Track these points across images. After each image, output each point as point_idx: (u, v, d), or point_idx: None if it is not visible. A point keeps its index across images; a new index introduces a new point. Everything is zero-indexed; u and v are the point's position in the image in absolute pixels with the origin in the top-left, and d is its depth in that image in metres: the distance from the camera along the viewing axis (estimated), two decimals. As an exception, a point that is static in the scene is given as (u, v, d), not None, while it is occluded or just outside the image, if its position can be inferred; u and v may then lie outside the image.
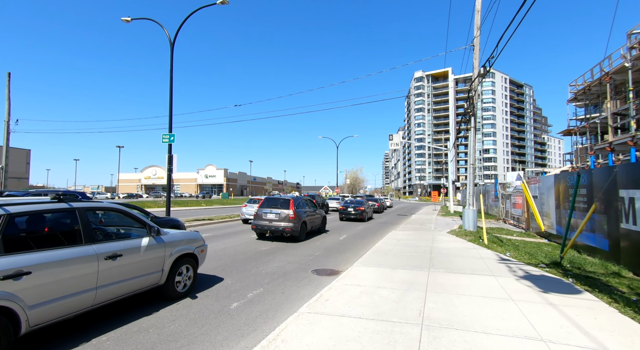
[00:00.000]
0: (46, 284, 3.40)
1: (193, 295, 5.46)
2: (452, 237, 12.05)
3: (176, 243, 5.22)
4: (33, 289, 3.28)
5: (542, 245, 10.74)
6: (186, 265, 5.40)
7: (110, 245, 4.18)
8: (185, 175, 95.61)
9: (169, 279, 5.04)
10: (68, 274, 3.61)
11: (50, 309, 3.44)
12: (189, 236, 5.65)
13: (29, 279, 3.25)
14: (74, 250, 3.73)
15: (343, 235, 13.44)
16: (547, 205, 12.18)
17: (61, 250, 3.63)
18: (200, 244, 5.80)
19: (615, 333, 3.61)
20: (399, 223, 19.65)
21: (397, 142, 24.87)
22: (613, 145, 15.16)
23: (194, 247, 5.58)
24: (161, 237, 4.98)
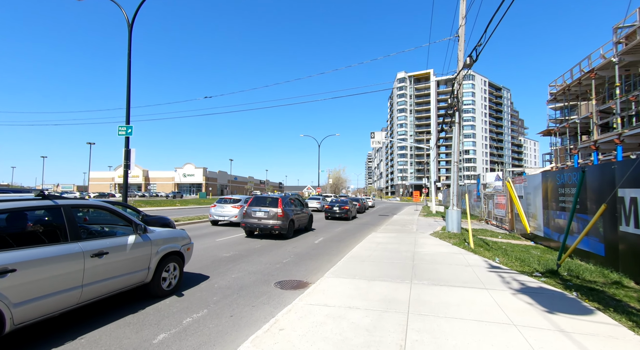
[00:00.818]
0: (31, 281, 3.36)
1: (179, 293, 5.45)
2: (436, 240, 11.21)
3: (162, 241, 5.20)
4: (18, 287, 3.24)
5: (529, 248, 10.04)
6: (172, 264, 5.40)
7: (96, 243, 4.13)
8: (163, 173, 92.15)
9: (155, 277, 5.02)
10: (54, 271, 3.56)
11: (35, 307, 3.40)
12: (175, 234, 5.64)
13: (14, 277, 3.21)
14: (59, 248, 3.69)
15: (319, 238, 12.38)
16: (534, 206, 11.55)
17: (47, 247, 3.58)
18: (186, 242, 5.79)
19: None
20: (380, 224, 18.80)
21: (379, 140, 24.08)
22: (598, 143, 14.88)
23: (180, 245, 5.57)
24: (147, 235, 4.95)
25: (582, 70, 22.53)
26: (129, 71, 12.67)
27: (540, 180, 10.85)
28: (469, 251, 8.76)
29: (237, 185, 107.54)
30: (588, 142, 15.58)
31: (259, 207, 12.04)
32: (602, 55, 20.21)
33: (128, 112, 12.82)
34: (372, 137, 24.35)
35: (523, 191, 12.61)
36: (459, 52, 12.86)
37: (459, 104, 12.96)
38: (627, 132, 12.46)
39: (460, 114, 13.01)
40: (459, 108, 12.97)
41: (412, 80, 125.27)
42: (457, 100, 13.00)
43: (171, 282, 5.37)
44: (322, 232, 14.45)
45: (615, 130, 12.92)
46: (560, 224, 9.46)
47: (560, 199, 9.40)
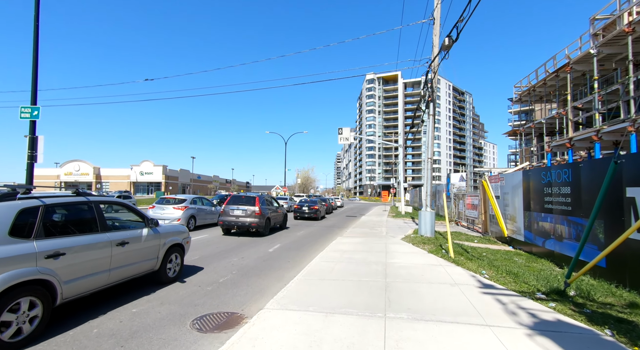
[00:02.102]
0: (76, 264, 4.03)
1: (181, 279, 6.12)
2: (409, 246, 9.81)
3: (168, 234, 5.89)
4: (66, 268, 3.90)
5: (511, 255, 8.91)
6: (175, 254, 6.07)
7: (119, 234, 4.81)
8: (117, 171, 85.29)
9: (162, 265, 5.70)
10: (91, 256, 4.26)
11: (78, 285, 4.05)
12: (177, 229, 6.29)
13: (64, 259, 3.88)
14: (93, 237, 4.37)
15: (276, 245, 10.56)
16: (512, 207, 10.55)
17: (85, 236, 4.28)
18: (186, 235, 6.46)
19: None
20: (347, 226, 17.32)
21: (347, 136, 22.69)
22: (573, 141, 14.46)
23: (181, 238, 6.21)
24: (157, 228, 5.64)
25: (547, 70, 22.62)
26: (35, 37, 10.03)
27: (521, 179, 9.82)
28: (449, 262, 7.38)
29: (200, 185, 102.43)
30: (562, 140, 15.24)
31: (236, 206, 12.22)
32: (567, 56, 20.26)
33: (34, 90, 10.18)
34: (339, 133, 22.90)
35: (500, 191, 11.63)
36: (434, 37, 11.63)
37: (434, 95, 11.74)
38: (606, 129, 12.00)
39: (434, 106, 11.79)
40: (434, 99, 11.74)
41: (381, 81, 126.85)
42: (432, 91, 11.77)
43: (175, 270, 6.06)
44: (282, 236, 12.63)
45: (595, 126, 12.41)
46: (545, 228, 8.40)
47: (545, 199, 8.34)
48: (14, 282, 3.33)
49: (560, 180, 7.69)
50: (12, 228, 3.56)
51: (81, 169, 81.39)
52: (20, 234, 3.62)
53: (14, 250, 3.45)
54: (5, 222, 3.52)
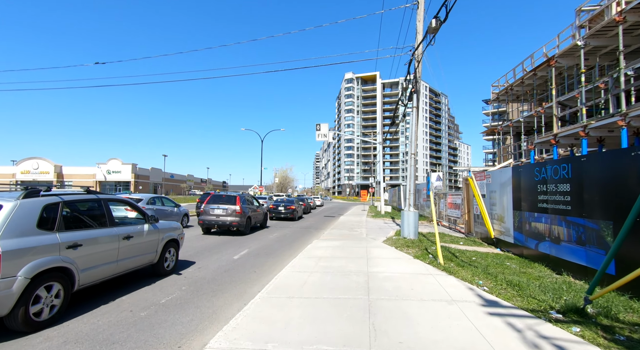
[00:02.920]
0: (90, 254, 4.51)
1: (177, 272, 6.63)
2: (392, 250, 8.86)
3: (165, 230, 6.39)
4: (83, 257, 4.37)
5: (502, 259, 8.15)
6: (172, 249, 6.58)
7: (125, 229, 5.29)
8: (81, 170, 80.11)
9: (160, 258, 6.18)
10: (103, 248, 4.75)
11: (92, 274, 4.54)
12: (173, 225, 6.84)
13: (81, 250, 4.35)
14: (104, 231, 4.86)
15: (244, 250, 9.30)
16: (500, 207, 9.86)
17: (97, 230, 4.76)
18: (180, 231, 7.02)
19: None
20: (324, 227, 16.27)
21: (325, 133, 21.66)
22: (558, 137, 14.15)
23: (176, 234, 6.78)
24: (156, 224, 6.13)
25: (524, 69, 22.59)
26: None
27: (510, 176, 9.12)
28: (439, 270, 6.45)
29: (173, 184, 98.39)
30: (547, 136, 14.95)
31: (217, 205, 12.22)
32: (545, 54, 20.22)
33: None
34: (317, 129, 21.83)
35: (486, 189, 10.95)
36: (418, 23, 10.78)
37: (417, 85, 10.89)
38: (594, 124, 11.65)
39: (418, 97, 10.94)
40: (417, 90, 10.89)
41: (360, 81, 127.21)
42: (416, 81, 10.91)
43: (170, 264, 6.53)
44: (253, 239, 11.36)
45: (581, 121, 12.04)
46: (539, 229, 7.69)
47: (539, 198, 7.62)
48: (43, 268, 3.78)
49: (557, 176, 6.96)
50: (39, 221, 3.98)
51: (40, 167, 75.73)
52: (45, 226, 4.04)
53: (42, 241, 3.90)
54: (33, 216, 3.94)
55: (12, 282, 3.49)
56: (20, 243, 3.68)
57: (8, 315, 3.52)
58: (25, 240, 3.73)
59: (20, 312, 3.57)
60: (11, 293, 3.47)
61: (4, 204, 3.80)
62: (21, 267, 3.59)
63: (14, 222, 3.73)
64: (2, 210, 3.73)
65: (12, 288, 3.48)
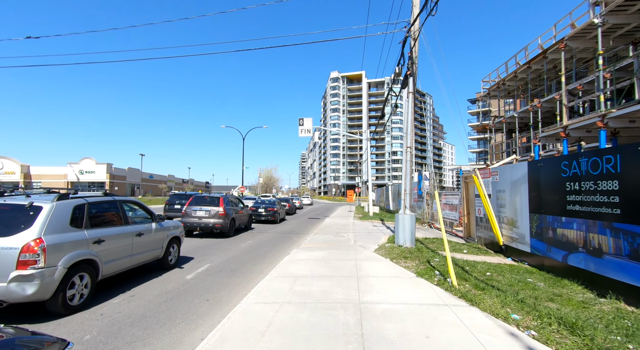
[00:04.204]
0: (111, 249, 5.18)
1: (180, 266, 7.27)
2: (387, 263, 7.22)
3: (169, 228, 7.07)
4: (105, 252, 5.02)
5: (521, 272, 6.65)
6: (174, 245, 7.26)
7: (137, 227, 5.99)
8: (51, 170, 75.44)
9: (165, 254, 6.88)
10: (120, 243, 5.41)
11: (112, 266, 5.22)
12: (175, 224, 7.45)
13: (104, 245, 5.01)
14: (121, 228, 5.55)
15: (204, 265, 7.47)
16: (511, 208, 8.41)
17: (115, 227, 5.44)
18: (181, 229, 7.66)
19: None
20: (307, 231, 14.55)
21: (308, 128, 19.92)
22: (569, 129, 12.91)
23: (178, 232, 7.43)
24: (162, 223, 6.80)
25: (517, 63, 21.57)
26: None
27: (526, 172, 7.65)
28: (454, 296, 4.84)
29: (152, 185, 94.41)
30: (555, 128, 13.73)
31: (199, 206, 11.95)
32: (540, 46, 19.19)
33: None
34: (300, 124, 20.06)
35: (491, 188, 9.50)
36: (415, -5, 9.22)
37: (414, 68, 9.34)
38: (616, 112, 10.40)
39: (414, 81, 9.39)
40: (414, 72, 9.34)
41: (345, 80, 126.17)
42: (412, 63, 9.35)
43: (173, 259, 7.21)
44: (220, 250, 9.51)
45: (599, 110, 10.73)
46: (568, 237, 6.22)
47: (570, 199, 6.15)
48: (77, 260, 4.46)
49: (597, 171, 5.49)
50: (71, 220, 4.64)
51: (5, 166, 70.82)
52: (75, 224, 4.70)
53: (74, 237, 4.58)
54: (67, 216, 4.60)
55: (54, 271, 4.12)
56: (59, 238, 4.31)
57: (50, 299, 4.14)
58: (62, 236, 4.37)
59: (60, 296, 4.21)
60: (53, 280, 4.10)
61: (43, 206, 4.38)
62: (60, 258, 4.23)
63: (52, 221, 4.34)
64: (42, 211, 4.33)
65: (54, 276, 4.11)
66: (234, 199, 14.03)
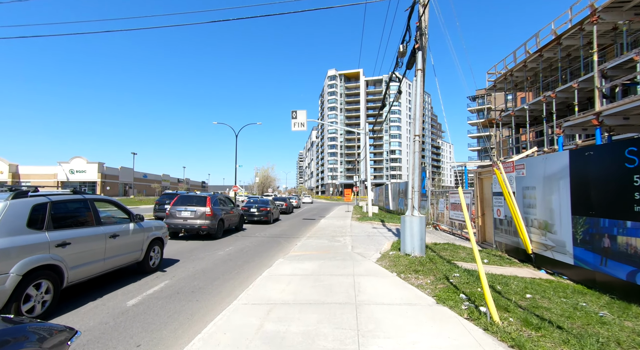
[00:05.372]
0: (78, 252, 4.66)
1: (162, 269, 6.77)
2: (394, 280, 5.64)
3: (150, 229, 6.56)
4: (72, 256, 4.53)
5: (568, 292, 5.10)
6: (156, 247, 6.75)
7: (112, 228, 5.48)
8: (41, 169, 73.52)
9: (145, 256, 6.37)
10: (90, 246, 4.90)
11: (80, 271, 4.68)
12: (157, 224, 6.96)
13: (70, 248, 4.51)
14: (92, 230, 5.02)
15: (163, 281, 5.88)
16: (543, 209, 6.86)
17: (85, 229, 4.91)
18: (165, 230, 7.16)
19: None
20: (299, 235, 12.97)
21: (302, 121, 18.30)
22: (602, 116, 11.36)
23: (161, 233, 6.93)
24: (141, 223, 6.29)
25: (527, 51, 20.07)
26: None
27: (567, 164, 6.10)
28: (500, 340, 3.27)
29: (146, 184, 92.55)
30: (586, 115, 12.15)
31: (184, 207, 11.30)
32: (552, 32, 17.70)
33: None
34: (293, 117, 18.44)
35: (515, 185, 7.95)
36: (424, -48, 7.63)
37: (423, 40, 7.76)
38: None
39: (424, 57, 7.81)
40: (423, 46, 7.76)
41: (343, 78, 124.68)
42: (421, 34, 7.78)
43: (155, 262, 6.71)
44: (188, 260, 7.91)
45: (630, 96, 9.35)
46: (636, 248, 4.69)
47: (638, 196, 4.62)
48: (34, 266, 3.96)
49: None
50: (28, 221, 4.16)
51: (-10, 166, 68.64)
52: (35, 225, 4.22)
53: (32, 240, 4.08)
54: (23, 216, 4.11)
55: (5, 279, 3.67)
56: (12, 242, 3.86)
57: (1, 310, 3.68)
58: (16, 239, 3.92)
59: (14, 307, 3.75)
60: (4, 289, 3.65)
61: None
62: (13, 264, 3.77)
63: (4, 222, 3.90)
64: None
65: (5, 284, 3.65)
66: (224, 198, 13.42)
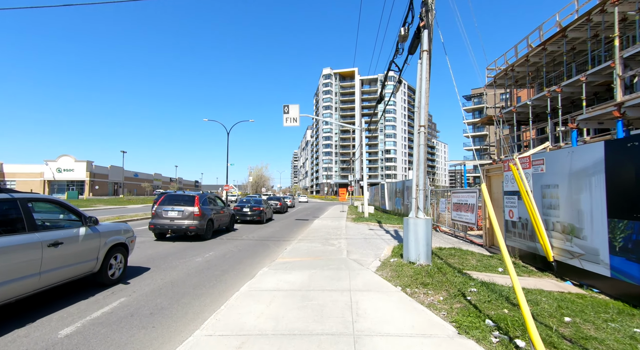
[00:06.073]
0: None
1: (125, 281, 5.70)
2: (399, 297, 4.65)
3: (110, 233, 5.50)
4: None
5: (613, 314, 4.17)
6: (118, 254, 5.69)
7: (52, 234, 4.42)
8: (26, 168, 71.45)
9: (103, 266, 5.31)
10: (14, 259, 3.82)
11: (3, 291, 3.67)
12: (121, 227, 5.94)
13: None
14: (20, 238, 3.96)
15: (120, 297, 4.82)
16: (570, 210, 5.94)
17: (9, 237, 3.84)
18: (130, 234, 6.13)
19: None
20: (290, 237, 11.95)
21: (294, 116, 17.27)
22: (625, 107, 10.50)
23: (124, 238, 5.87)
24: (96, 227, 5.24)
25: (530, 45, 19.29)
26: None
27: (602, 157, 5.18)
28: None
29: (137, 184, 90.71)
30: (606, 106, 11.28)
31: (171, 206, 10.77)
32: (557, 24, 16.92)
33: None
34: (285, 112, 17.40)
35: (532, 182, 7.03)
36: None
37: (429, 17, 6.79)
38: None
39: (430, 36, 6.84)
40: (429, 24, 6.79)
41: (338, 77, 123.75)
42: (427, 10, 6.80)
43: (116, 272, 5.63)
44: (157, 269, 6.84)
45: None
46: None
47: None
48: None
49: None
50: None
51: (-26, 164, 66.41)
52: None
53: None
54: None
55: None
56: None
57: None
58: None
59: None
60: None
61: None
62: None
63: None
64: None
65: None
66: (214, 197, 13.00)
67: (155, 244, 9.93)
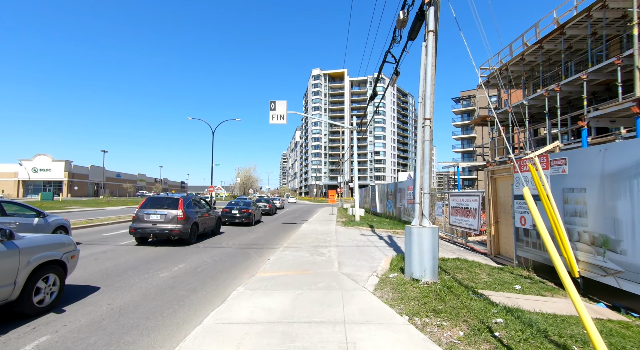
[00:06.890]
0: None
1: (59, 309, 4.48)
2: (409, 333, 3.61)
3: (36, 249, 4.26)
4: None
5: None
6: (50, 275, 4.46)
7: None
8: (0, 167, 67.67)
9: (24, 292, 4.08)
10: None
11: None
12: (55, 240, 4.71)
13: None
14: None
15: (42, 336, 3.63)
16: (602, 219, 5.05)
17: None
18: (70, 249, 4.91)
19: None
20: (274, 245, 10.83)
21: (281, 113, 16.16)
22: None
23: (61, 253, 4.67)
24: (14, 242, 4.00)
25: (525, 43, 18.74)
26: None
27: (648, 156, 4.30)
28: None
29: (119, 184, 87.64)
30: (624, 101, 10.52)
31: (153, 209, 10.41)
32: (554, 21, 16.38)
33: None
34: (271, 108, 16.28)
35: (550, 186, 6.15)
36: None
37: (436, -7, 5.82)
38: None
39: (437, 14, 5.89)
40: (435, 0, 5.83)
41: (327, 78, 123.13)
42: (432, -15, 5.83)
43: (45, 298, 4.39)
44: (110, 289, 5.65)
45: None
46: None
47: None
48: None
49: None
50: None
51: (-59, 163, 62.67)
52: None
53: None
54: None
55: None
56: None
57: None
58: None
59: None
60: None
61: None
62: None
63: None
64: None
65: None
66: (200, 199, 12.70)
67: (124, 252, 8.69)
